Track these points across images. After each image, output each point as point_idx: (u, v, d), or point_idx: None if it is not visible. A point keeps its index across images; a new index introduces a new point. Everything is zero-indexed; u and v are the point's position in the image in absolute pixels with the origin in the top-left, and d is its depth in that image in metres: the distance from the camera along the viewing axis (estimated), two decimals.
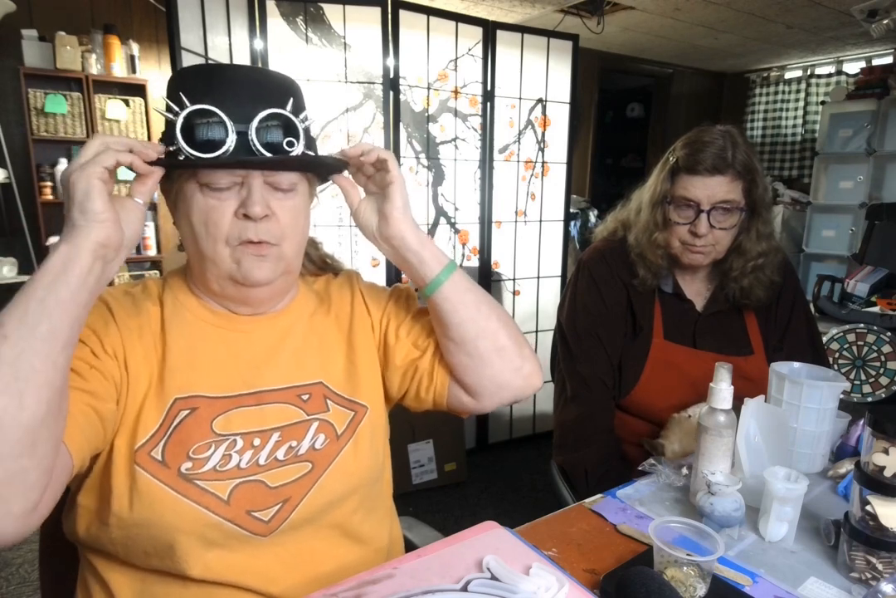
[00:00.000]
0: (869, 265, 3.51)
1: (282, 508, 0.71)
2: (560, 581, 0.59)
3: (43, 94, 2.82)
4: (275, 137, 0.68)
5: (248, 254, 0.69)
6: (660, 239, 1.23)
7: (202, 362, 0.73)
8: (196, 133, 0.65)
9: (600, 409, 1.27)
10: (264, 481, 0.71)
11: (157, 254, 3.25)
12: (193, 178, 0.68)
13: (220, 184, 0.67)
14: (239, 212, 0.68)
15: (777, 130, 5.09)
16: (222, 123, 0.65)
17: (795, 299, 1.31)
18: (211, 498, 0.67)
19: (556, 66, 2.61)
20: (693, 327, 1.28)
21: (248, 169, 0.67)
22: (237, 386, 0.74)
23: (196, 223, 0.69)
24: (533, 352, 0.84)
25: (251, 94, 0.68)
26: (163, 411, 0.69)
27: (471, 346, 0.78)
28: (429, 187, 2.39)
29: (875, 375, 3.06)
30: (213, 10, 1.78)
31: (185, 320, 0.75)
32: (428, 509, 0.91)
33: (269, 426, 0.73)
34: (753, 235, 1.21)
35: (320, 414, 0.77)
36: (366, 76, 2.16)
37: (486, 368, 0.79)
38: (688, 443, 1.09)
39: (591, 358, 1.28)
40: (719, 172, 1.14)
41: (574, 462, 1.25)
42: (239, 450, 0.71)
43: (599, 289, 1.30)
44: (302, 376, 0.78)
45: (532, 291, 2.78)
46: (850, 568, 0.74)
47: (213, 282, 0.73)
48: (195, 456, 0.69)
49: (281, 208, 0.70)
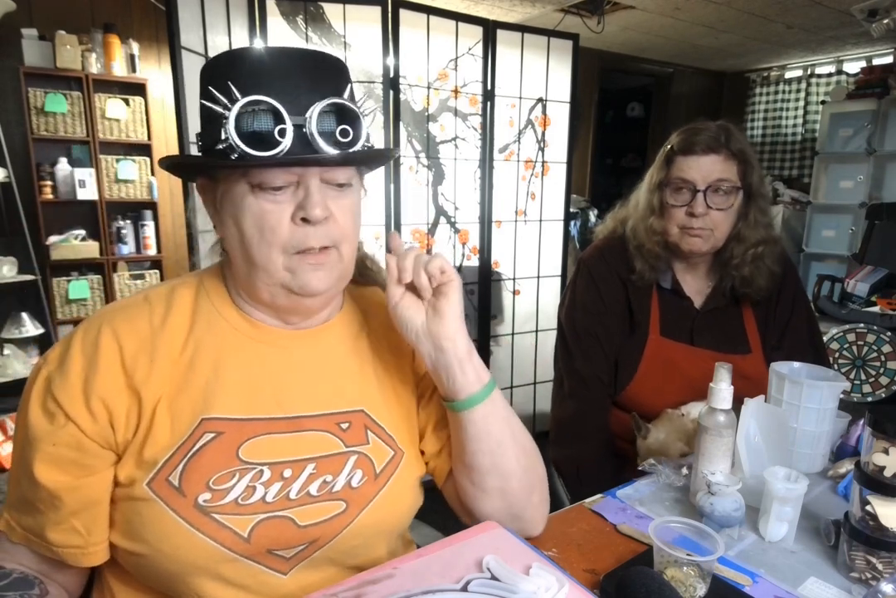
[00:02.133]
0: (869, 265, 3.51)
1: (306, 548, 0.66)
2: (560, 581, 0.59)
3: (43, 94, 2.82)
4: (333, 129, 0.61)
5: (304, 263, 0.63)
6: (656, 225, 1.23)
7: (233, 379, 0.66)
8: (250, 128, 0.59)
9: (596, 407, 1.28)
10: (293, 518, 0.64)
11: (158, 254, 3.25)
12: (244, 178, 0.61)
13: (276, 183, 0.60)
14: (297, 216, 0.61)
15: (777, 129, 5.09)
16: (279, 116, 0.58)
17: (796, 297, 1.31)
18: (228, 534, 0.61)
19: (556, 65, 2.61)
20: (691, 324, 1.28)
21: (308, 166, 0.61)
22: (270, 408, 0.67)
23: (248, 228, 0.62)
24: (545, 499, 0.78)
25: (307, 82, 0.61)
26: (185, 430, 0.63)
27: (477, 477, 0.72)
28: (429, 187, 2.39)
29: (875, 375, 3.06)
30: (213, 9, 1.78)
31: (220, 331, 0.68)
32: (428, 509, 0.90)
33: (303, 456, 0.67)
34: (752, 221, 1.21)
35: (359, 447, 0.70)
36: (366, 75, 2.16)
37: (485, 502, 0.74)
38: (672, 439, 1.08)
39: (589, 356, 1.28)
40: (713, 151, 1.17)
41: (567, 458, 1.27)
42: (265, 481, 0.64)
43: (598, 287, 1.30)
44: (342, 403, 0.71)
45: (532, 290, 2.78)
46: (850, 568, 0.74)
47: (263, 290, 0.66)
48: (215, 487, 0.62)
49: (339, 208, 0.64)
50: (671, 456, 1.07)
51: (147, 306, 0.67)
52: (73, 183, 2.96)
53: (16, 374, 2.80)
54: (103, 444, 0.63)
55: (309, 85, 0.61)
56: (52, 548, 0.64)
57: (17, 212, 2.80)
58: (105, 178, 3.05)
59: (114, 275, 3.14)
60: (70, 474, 0.62)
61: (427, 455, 0.79)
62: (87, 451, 0.62)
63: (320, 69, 0.63)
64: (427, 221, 2.41)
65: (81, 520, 0.63)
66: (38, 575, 0.66)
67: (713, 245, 1.22)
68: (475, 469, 0.72)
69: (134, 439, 0.63)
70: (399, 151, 0.72)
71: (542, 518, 0.79)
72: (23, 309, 2.90)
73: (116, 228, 3.13)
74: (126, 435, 0.63)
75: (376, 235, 2.23)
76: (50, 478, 0.61)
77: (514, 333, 2.74)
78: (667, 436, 1.09)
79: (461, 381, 0.69)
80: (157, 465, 0.62)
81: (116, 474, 0.64)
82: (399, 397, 0.77)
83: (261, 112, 0.59)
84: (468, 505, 0.76)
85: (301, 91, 0.60)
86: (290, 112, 0.59)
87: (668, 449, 1.08)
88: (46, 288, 2.95)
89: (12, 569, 0.64)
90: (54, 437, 0.61)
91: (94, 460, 0.62)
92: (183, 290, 0.70)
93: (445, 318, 0.68)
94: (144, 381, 0.63)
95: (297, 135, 0.59)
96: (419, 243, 2.39)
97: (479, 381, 0.70)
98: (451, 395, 0.70)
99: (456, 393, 0.69)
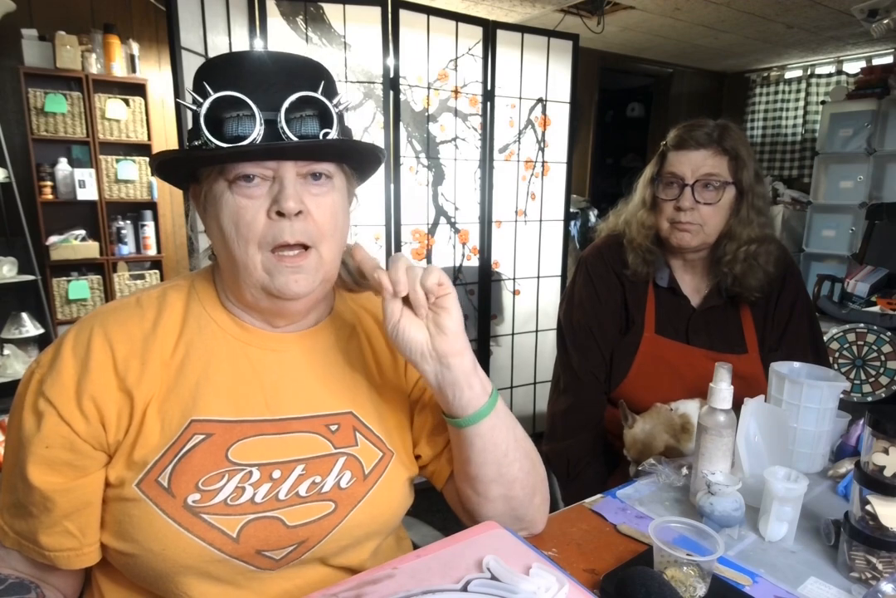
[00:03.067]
0: (869, 265, 3.51)
1: (296, 549, 0.66)
2: (560, 581, 0.59)
3: (43, 94, 2.82)
4: (307, 125, 0.62)
5: (282, 265, 0.63)
6: (647, 219, 1.25)
7: (223, 381, 0.67)
8: (221, 123, 0.60)
9: (589, 402, 1.29)
10: (282, 518, 0.65)
11: (157, 254, 3.25)
12: (221, 175, 0.62)
13: (249, 173, 0.61)
14: (272, 210, 0.61)
15: (777, 129, 5.09)
16: (249, 110, 0.60)
17: (797, 298, 1.30)
18: (217, 534, 0.62)
19: (556, 65, 2.61)
20: (687, 322, 1.28)
21: (279, 160, 0.61)
22: (259, 410, 0.68)
23: (226, 225, 0.62)
24: (546, 499, 0.79)
25: (279, 80, 0.62)
26: (175, 431, 0.63)
27: (482, 487, 0.72)
28: (429, 187, 2.39)
29: (875, 374, 3.06)
30: (212, 9, 1.78)
31: (210, 333, 0.68)
32: (428, 509, 0.90)
33: (291, 458, 0.67)
34: (744, 218, 1.21)
35: (348, 448, 0.71)
36: (366, 76, 2.16)
37: (488, 508, 0.74)
38: (658, 431, 1.08)
39: (584, 352, 1.30)
40: (703, 146, 1.18)
41: (558, 452, 1.28)
42: (254, 482, 0.65)
43: (595, 284, 1.32)
44: (330, 405, 0.71)
45: (532, 290, 2.78)
46: (850, 568, 0.74)
47: (246, 292, 0.66)
48: (205, 488, 0.63)
49: (317, 205, 0.63)
50: (656, 448, 1.07)
51: (139, 310, 0.68)
52: (73, 183, 2.96)
53: (16, 374, 2.80)
54: (95, 445, 0.63)
55: (283, 83, 0.62)
56: (43, 553, 0.64)
57: (17, 212, 2.80)
58: (105, 178, 3.05)
59: (114, 275, 3.14)
60: (63, 475, 0.62)
61: (424, 460, 0.79)
62: (80, 452, 0.62)
63: (293, 68, 0.64)
64: (427, 222, 2.41)
65: (74, 522, 0.63)
66: (35, 580, 0.66)
67: (703, 240, 1.22)
68: (479, 480, 0.71)
69: (125, 440, 0.64)
70: (384, 151, 0.72)
71: (544, 517, 0.80)
72: (23, 309, 2.90)
73: (116, 229, 3.13)
74: (117, 436, 0.63)
75: (376, 235, 2.23)
76: (43, 480, 0.61)
77: (514, 333, 2.74)
78: (653, 427, 1.09)
79: (468, 395, 0.67)
80: (147, 466, 0.62)
81: (107, 475, 0.64)
82: (389, 401, 0.77)
83: (231, 107, 0.60)
84: (471, 510, 0.76)
85: (275, 89, 0.61)
86: (263, 108, 0.60)
87: (654, 440, 1.08)
88: (46, 288, 2.95)
89: (8, 574, 0.64)
90: (48, 439, 0.61)
91: (86, 461, 0.63)
92: (174, 293, 0.70)
93: (450, 334, 0.65)
94: (136, 383, 0.63)
95: (270, 130, 0.61)
96: (419, 243, 2.39)
97: (485, 392, 0.68)
98: (459, 411, 0.67)
99: (463, 409, 0.67)
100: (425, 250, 2.42)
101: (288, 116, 0.61)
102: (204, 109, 0.60)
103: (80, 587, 0.72)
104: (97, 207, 3.04)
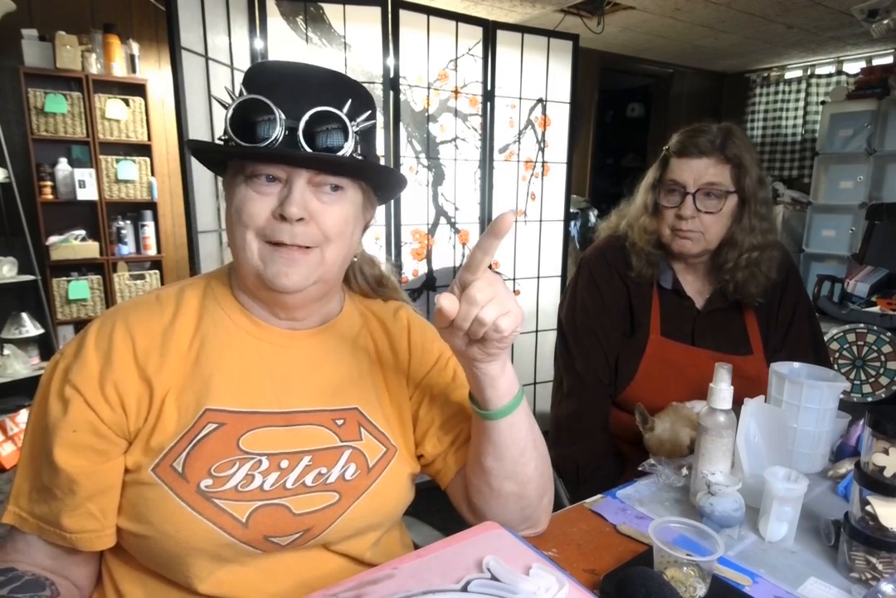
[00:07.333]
0: (869, 265, 3.51)
1: (301, 536, 0.69)
2: (560, 581, 0.59)
3: (43, 94, 2.82)
4: (330, 139, 0.65)
5: (277, 255, 0.66)
6: (649, 224, 1.24)
7: (235, 373, 0.70)
8: (247, 124, 0.64)
9: (595, 406, 1.28)
10: (289, 506, 0.68)
11: (157, 254, 3.25)
12: (241, 171, 0.67)
13: (261, 172, 0.65)
14: (277, 212, 0.65)
15: (777, 130, 5.09)
16: (273, 115, 0.64)
17: (799, 299, 1.30)
18: (228, 519, 0.65)
19: (556, 66, 2.61)
20: (692, 324, 1.28)
21: (292, 166, 0.65)
22: (269, 403, 0.71)
23: (233, 210, 0.67)
24: (551, 499, 0.80)
25: (311, 93, 0.67)
26: (189, 419, 0.67)
27: (495, 482, 0.73)
28: (429, 187, 2.39)
29: (875, 375, 3.06)
30: (213, 9, 1.78)
31: (225, 328, 0.72)
32: (428, 509, 0.90)
33: (299, 449, 0.70)
34: (746, 226, 1.20)
35: (354, 442, 0.73)
36: (366, 76, 2.16)
37: (498, 505, 0.75)
38: (680, 426, 1.08)
39: (588, 356, 1.28)
40: (705, 155, 1.17)
41: (566, 457, 1.27)
42: (263, 471, 0.68)
43: (598, 287, 1.30)
44: (337, 401, 0.75)
45: (532, 290, 2.78)
46: (850, 568, 0.74)
47: (247, 279, 0.70)
48: (217, 474, 0.66)
49: (324, 212, 0.67)
50: (683, 443, 1.07)
51: (158, 306, 0.71)
52: (73, 183, 2.96)
53: (16, 374, 2.80)
54: (118, 432, 0.66)
55: (314, 97, 0.66)
56: (64, 535, 0.66)
57: (17, 212, 2.80)
58: (105, 178, 3.05)
59: (114, 275, 3.13)
60: (88, 459, 0.65)
61: (428, 458, 0.80)
62: (104, 437, 0.65)
63: (329, 85, 0.69)
64: (427, 222, 2.41)
65: (97, 504, 0.66)
66: (51, 576, 0.68)
67: (704, 248, 1.22)
68: (494, 474, 0.73)
69: (144, 426, 0.67)
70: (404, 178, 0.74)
71: (548, 516, 0.82)
72: (23, 309, 2.90)
73: (116, 229, 3.13)
74: (137, 423, 0.67)
75: (376, 235, 2.24)
76: (69, 463, 0.64)
77: None
78: (673, 424, 1.09)
79: (489, 394, 0.68)
80: (163, 452, 0.65)
81: (125, 461, 0.67)
82: (392, 401, 0.80)
83: (259, 110, 0.64)
84: (479, 506, 0.77)
85: (304, 101, 0.66)
86: (289, 116, 0.65)
87: (678, 435, 1.08)
88: (46, 288, 2.95)
89: (24, 571, 0.66)
90: (74, 423, 0.64)
91: (109, 446, 0.66)
92: (191, 291, 0.74)
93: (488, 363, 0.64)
94: (155, 373, 0.67)
95: (291, 137, 0.65)
96: (419, 244, 2.39)
97: (510, 393, 0.69)
98: (482, 403, 0.69)
99: (485, 403, 0.69)
100: (425, 251, 2.42)
101: (313, 127, 0.65)
102: (230, 110, 0.65)
103: (94, 578, 0.73)
104: (97, 207, 3.04)
